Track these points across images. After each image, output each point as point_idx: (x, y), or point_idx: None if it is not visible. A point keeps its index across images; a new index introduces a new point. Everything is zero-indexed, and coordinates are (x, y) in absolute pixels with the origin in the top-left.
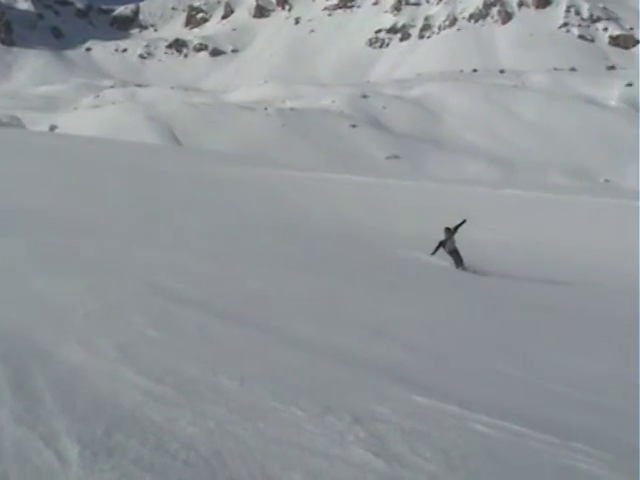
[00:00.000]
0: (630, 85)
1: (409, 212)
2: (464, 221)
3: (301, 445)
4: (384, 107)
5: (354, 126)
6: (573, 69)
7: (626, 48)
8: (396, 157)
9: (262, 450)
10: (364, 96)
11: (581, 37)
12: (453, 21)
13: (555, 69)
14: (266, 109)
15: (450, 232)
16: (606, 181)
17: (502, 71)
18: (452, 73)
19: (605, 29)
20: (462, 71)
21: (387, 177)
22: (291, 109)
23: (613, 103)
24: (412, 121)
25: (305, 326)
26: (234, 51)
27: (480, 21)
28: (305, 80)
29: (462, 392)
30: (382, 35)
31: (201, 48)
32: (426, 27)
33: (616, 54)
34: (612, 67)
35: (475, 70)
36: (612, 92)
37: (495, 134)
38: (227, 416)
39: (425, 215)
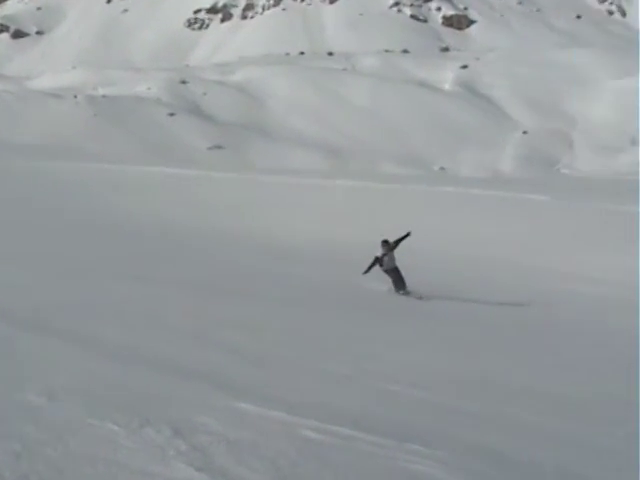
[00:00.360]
0: (465, 67)
1: (233, 208)
2: (408, 234)
3: (118, 463)
4: (205, 93)
5: (172, 114)
6: (405, 51)
7: (460, 29)
8: (219, 147)
9: (75, 471)
10: (183, 82)
11: (413, 17)
12: (278, 0)
13: (386, 51)
14: (76, 97)
15: (389, 246)
16: (441, 169)
17: (331, 53)
18: (277, 56)
19: (438, 9)
20: (288, 54)
21: (209, 169)
22: (103, 96)
23: (447, 87)
24: (235, 108)
25: (120, 334)
26: (39, 33)
27: (307, 0)
28: (118, 65)
29: (291, 397)
30: (202, 15)
31: (1, 29)
32: (249, 7)
33: (450, 35)
34: (446, 49)
35: (302, 53)
36: (446, 75)
37: (324, 121)
38: (35, 435)
39: (249, 211)
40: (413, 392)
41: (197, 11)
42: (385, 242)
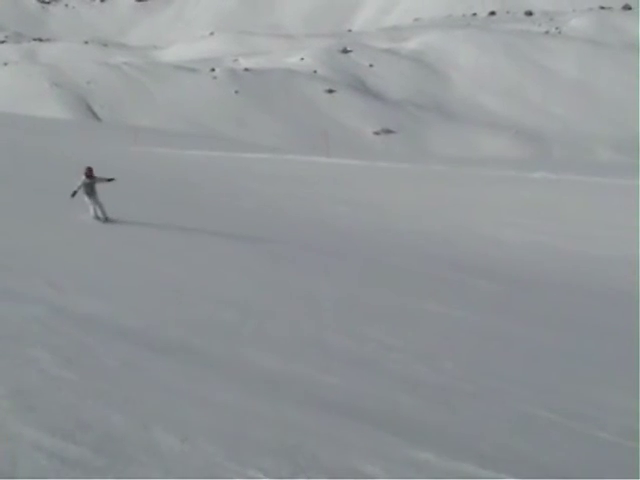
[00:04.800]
0: None
1: (406, 207)
2: (112, 179)
3: None
4: (371, 65)
5: (331, 91)
6: (627, 7)
7: None
8: (388, 131)
9: None
10: (344, 51)
11: None
12: None
13: (602, 8)
14: (213, 70)
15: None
16: None
17: (529, 13)
18: (462, 18)
19: None
20: (475, 15)
21: (377, 159)
22: (246, 70)
23: None
24: (409, 83)
25: (269, 361)
26: None
27: None
28: (265, 31)
29: (482, 445)
30: None
31: None
32: None
33: None
34: None
35: (493, 13)
36: None
37: (521, 98)
38: None
39: (427, 211)
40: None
41: None
42: (90, 171)
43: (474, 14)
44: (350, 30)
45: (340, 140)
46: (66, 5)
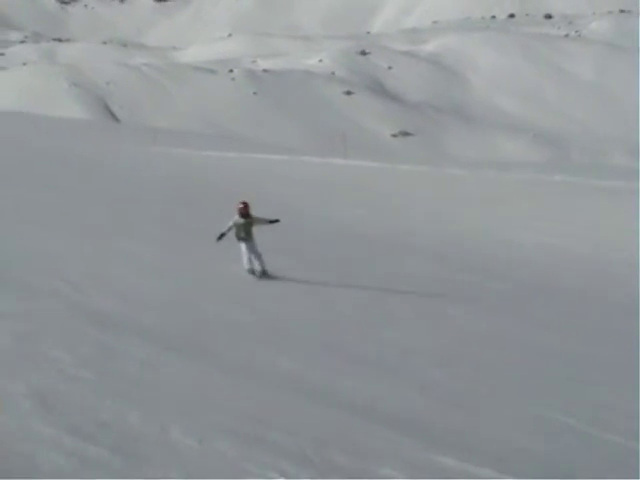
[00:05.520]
0: None
1: (425, 210)
2: (277, 221)
3: None
4: (390, 67)
5: (349, 93)
6: None
7: None
8: (406, 134)
9: None
10: (363, 53)
11: None
12: None
13: (622, 11)
14: (231, 71)
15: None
16: None
17: (549, 16)
18: (480, 20)
19: None
20: (494, 17)
21: (395, 161)
22: (265, 71)
23: None
24: (427, 85)
25: (289, 362)
26: None
27: None
28: (283, 32)
29: (501, 449)
30: None
31: None
32: None
33: None
34: None
35: (512, 15)
36: None
37: (539, 101)
38: None
39: (446, 213)
40: None
41: None
42: (245, 207)
43: (493, 17)
44: (369, 32)
45: (358, 142)
46: (85, 5)
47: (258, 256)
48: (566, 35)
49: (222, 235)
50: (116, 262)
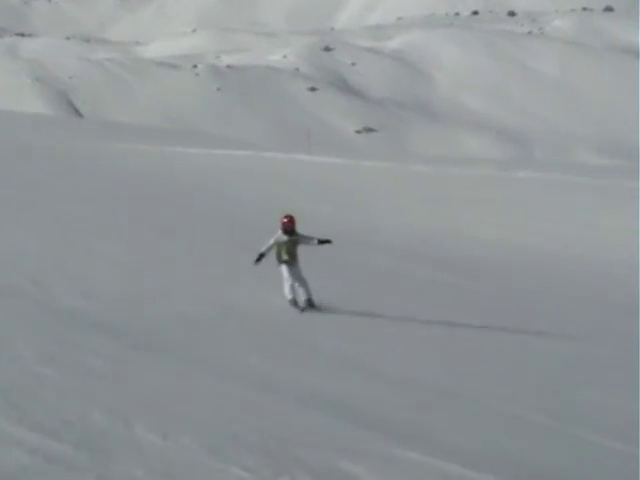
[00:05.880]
0: None
1: (388, 206)
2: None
3: None
4: (353, 63)
5: (313, 89)
6: (609, 9)
7: None
8: (370, 130)
9: None
10: (327, 49)
11: None
12: None
13: (584, 9)
14: (195, 67)
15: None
16: None
17: (512, 13)
18: (444, 17)
19: None
20: (458, 14)
21: (359, 157)
22: (228, 67)
23: None
24: (391, 82)
25: (252, 358)
26: None
27: None
28: (247, 27)
29: (466, 444)
30: None
31: None
32: None
33: None
34: None
35: (475, 12)
36: None
37: (503, 98)
38: None
39: (409, 209)
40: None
41: None
42: (290, 221)
43: (457, 13)
44: (333, 28)
45: (322, 138)
46: (49, 0)
47: (303, 283)
48: (529, 32)
49: (261, 256)
50: (82, 259)
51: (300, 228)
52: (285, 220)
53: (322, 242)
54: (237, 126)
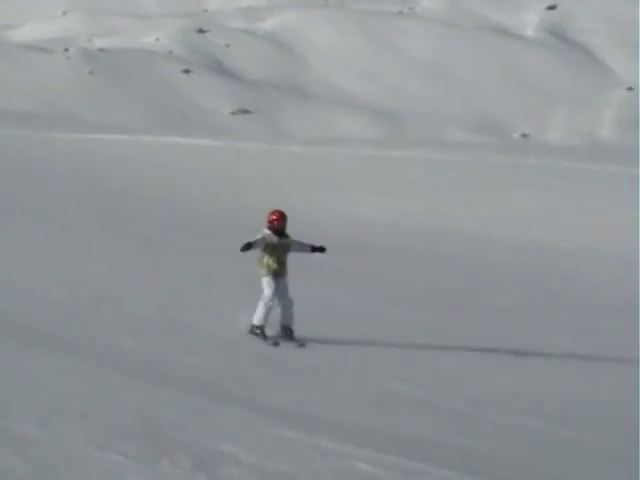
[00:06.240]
0: (553, 8)
1: (263, 187)
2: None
3: None
4: (227, 45)
5: (187, 71)
6: None
7: None
8: (245, 112)
9: None
10: (200, 31)
11: None
12: None
13: None
14: (67, 50)
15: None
16: (523, 136)
17: None
18: None
19: None
20: None
21: (234, 139)
22: (101, 50)
23: (530, 33)
24: (265, 63)
25: (132, 343)
26: None
27: None
28: (120, 10)
29: (341, 420)
30: None
31: None
32: None
33: None
34: None
35: None
36: (529, 18)
37: (375, 78)
38: (22, 472)
39: (284, 190)
40: (494, 416)
41: None
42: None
43: None
44: (206, 10)
45: (197, 120)
46: None
47: (287, 305)
48: (400, 12)
49: (249, 245)
50: None
51: (176, 214)
52: (273, 217)
53: (315, 250)
54: (111, 110)
